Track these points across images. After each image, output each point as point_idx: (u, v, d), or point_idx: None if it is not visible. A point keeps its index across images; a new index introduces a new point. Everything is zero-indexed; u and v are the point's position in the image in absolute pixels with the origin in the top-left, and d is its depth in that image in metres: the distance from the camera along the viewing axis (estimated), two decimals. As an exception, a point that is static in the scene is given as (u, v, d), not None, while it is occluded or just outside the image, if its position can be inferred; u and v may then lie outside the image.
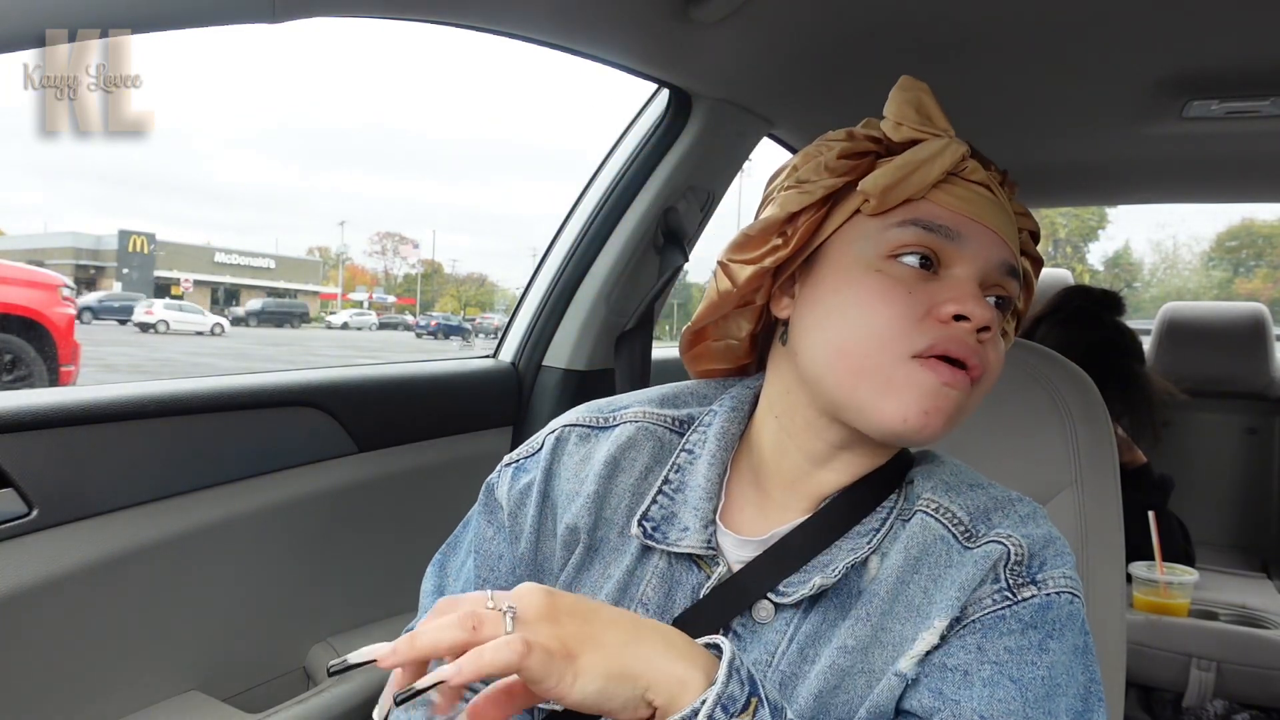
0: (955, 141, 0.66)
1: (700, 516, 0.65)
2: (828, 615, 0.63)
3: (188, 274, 32.69)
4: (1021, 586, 0.60)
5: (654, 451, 0.71)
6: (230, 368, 6.35)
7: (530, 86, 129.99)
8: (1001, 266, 0.64)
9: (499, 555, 0.74)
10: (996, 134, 1.89)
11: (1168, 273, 33.11)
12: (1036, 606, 0.60)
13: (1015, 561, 0.61)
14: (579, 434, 0.73)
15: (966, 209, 0.63)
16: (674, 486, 0.68)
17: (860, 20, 1.25)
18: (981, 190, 0.65)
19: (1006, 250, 0.64)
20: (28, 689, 0.84)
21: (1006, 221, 0.65)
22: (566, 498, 0.71)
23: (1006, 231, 0.65)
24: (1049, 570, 0.61)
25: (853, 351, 0.61)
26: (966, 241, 0.62)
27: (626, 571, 0.67)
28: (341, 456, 1.13)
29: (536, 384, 1.44)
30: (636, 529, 0.66)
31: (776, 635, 0.63)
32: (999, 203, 0.65)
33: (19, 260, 7.99)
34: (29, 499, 0.83)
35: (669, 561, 0.66)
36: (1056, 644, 0.59)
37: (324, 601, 1.14)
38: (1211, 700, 1.52)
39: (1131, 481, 1.26)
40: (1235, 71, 1.39)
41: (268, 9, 0.70)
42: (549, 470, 0.72)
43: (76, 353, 4.92)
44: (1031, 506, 0.65)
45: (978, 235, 0.63)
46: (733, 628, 0.64)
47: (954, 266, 0.62)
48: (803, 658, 0.62)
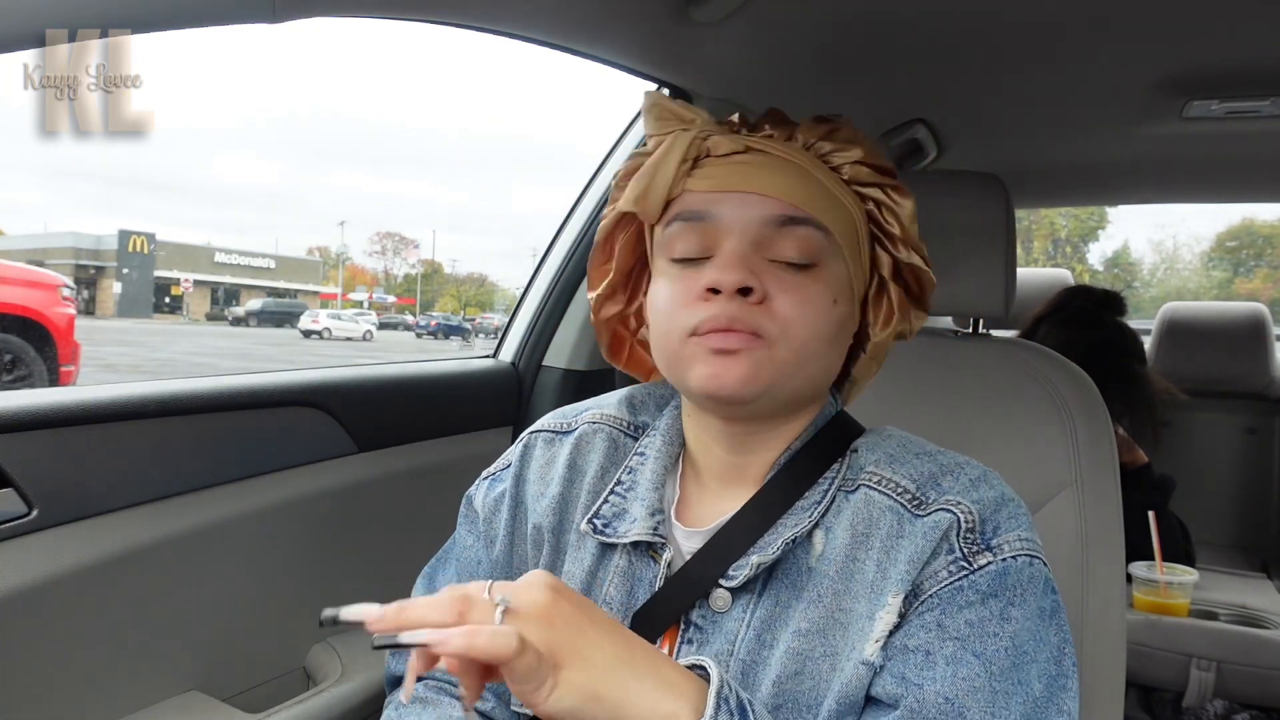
0: (684, 131, 0.66)
1: (646, 506, 0.67)
2: (780, 598, 0.63)
3: (188, 274, 32.70)
4: (977, 554, 0.59)
5: (608, 452, 0.74)
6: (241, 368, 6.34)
7: (531, 86, 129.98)
8: (769, 222, 0.63)
9: (477, 561, 0.77)
10: (996, 134, 1.89)
11: (1168, 273, 33.11)
12: (994, 574, 0.59)
13: (967, 529, 0.60)
14: (544, 439, 0.78)
15: (716, 185, 0.64)
16: (626, 486, 0.70)
17: (860, 21, 1.25)
18: (734, 160, 0.64)
19: (772, 205, 0.63)
20: (28, 689, 0.84)
21: (771, 175, 0.64)
22: (534, 499, 0.74)
23: (772, 185, 0.63)
24: (1004, 534, 0.60)
25: (659, 347, 0.66)
26: (722, 217, 0.63)
27: (589, 572, 0.69)
28: (341, 456, 1.13)
29: (536, 384, 1.44)
30: (586, 525, 0.69)
31: (735, 624, 0.63)
32: (760, 162, 0.64)
33: (19, 260, 7.98)
34: (29, 499, 0.83)
35: (629, 560, 0.68)
36: (1019, 610, 0.58)
37: (324, 601, 1.13)
38: (1211, 700, 1.52)
39: (1132, 482, 1.26)
40: (1235, 71, 1.39)
41: (268, 9, 0.70)
42: (519, 476, 0.76)
43: (76, 353, 4.92)
44: (981, 469, 0.65)
45: (731, 205, 0.63)
46: (693, 620, 0.64)
47: (722, 243, 0.63)
48: (761, 644, 0.62)
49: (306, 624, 1.12)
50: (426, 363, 1.40)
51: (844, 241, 0.65)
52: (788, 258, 0.63)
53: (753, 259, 0.62)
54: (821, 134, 0.67)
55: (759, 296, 0.61)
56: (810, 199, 0.64)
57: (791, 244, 0.63)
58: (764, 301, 0.61)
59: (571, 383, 1.42)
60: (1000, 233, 1.11)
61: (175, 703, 0.96)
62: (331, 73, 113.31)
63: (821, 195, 0.64)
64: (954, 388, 1.11)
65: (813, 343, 0.63)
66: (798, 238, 0.63)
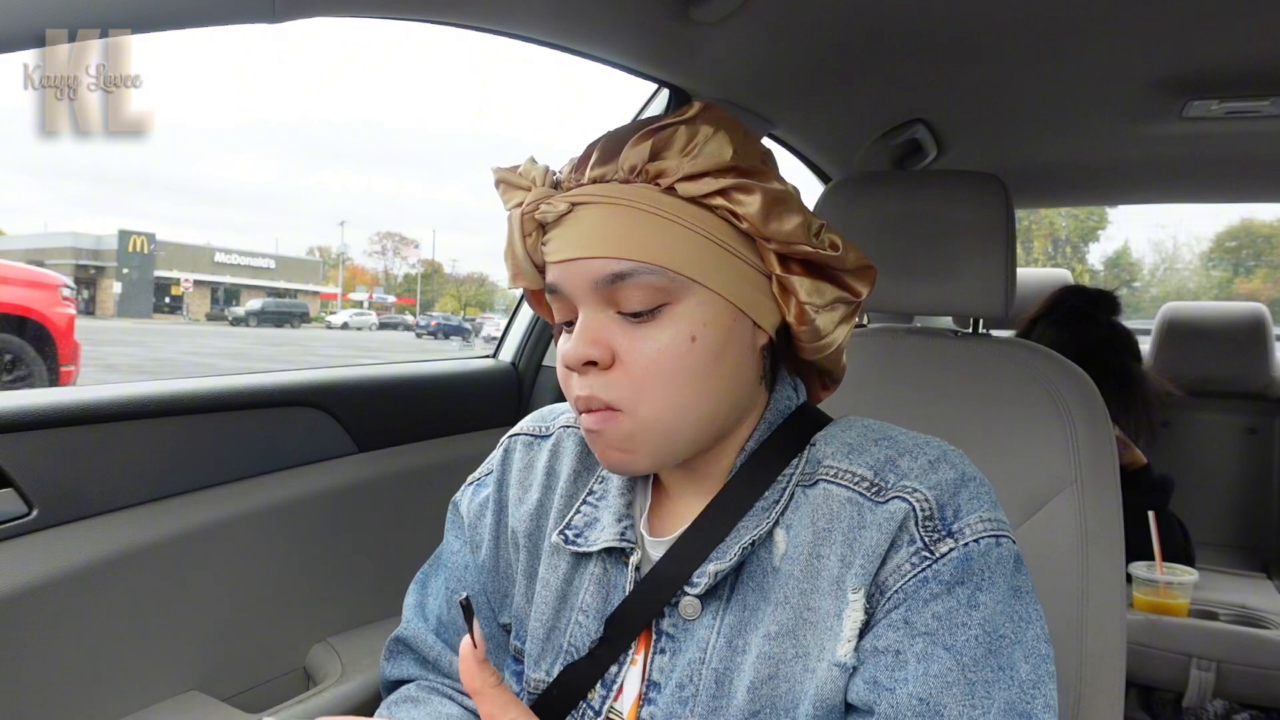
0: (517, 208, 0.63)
1: (614, 513, 0.67)
2: (748, 601, 0.61)
3: (188, 274, 32.69)
4: (938, 542, 0.57)
5: (580, 456, 0.73)
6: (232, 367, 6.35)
7: (531, 86, 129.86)
8: (599, 283, 0.59)
9: (465, 565, 0.77)
10: (996, 134, 1.89)
11: (1167, 273, 33.11)
12: (957, 561, 0.56)
13: (925, 517, 0.57)
14: (524, 442, 0.78)
15: (555, 255, 0.61)
16: (598, 496, 0.70)
17: (860, 21, 1.25)
18: (564, 223, 0.61)
19: (598, 265, 0.59)
20: (28, 689, 0.84)
21: (588, 234, 0.60)
22: (514, 503, 0.75)
23: (591, 243, 0.59)
24: (965, 517, 0.58)
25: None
26: (565, 286, 0.61)
27: (564, 580, 0.69)
28: (341, 456, 1.13)
29: (536, 384, 1.44)
30: (558, 537, 0.68)
31: (706, 631, 0.62)
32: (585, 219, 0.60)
33: (19, 260, 7.98)
34: (29, 499, 0.83)
35: (603, 566, 0.67)
36: (987, 595, 0.56)
37: (324, 601, 1.14)
38: (1211, 700, 1.52)
39: (1132, 482, 1.26)
40: (1235, 71, 1.39)
41: (268, 9, 0.70)
42: (501, 480, 0.77)
43: (76, 353, 4.92)
44: (940, 449, 0.62)
45: (570, 274, 0.60)
46: (664, 630, 0.63)
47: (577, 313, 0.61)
48: (732, 649, 0.60)
49: (306, 624, 1.12)
50: (426, 363, 1.40)
51: (697, 267, 0.59)
52: (631, 310, 0.59)
53: (599, 322, 0.60)
54: (646, 154, 0.60)
55: (607, 363, 0.59)
56: (637, 241, 0.59)
57: (628, 297, 0.59)
58: (614, 365, 0.59)
59: (571, 383, 1.42)
60: (1000, 233, 1.11)
61: (175, 703, 0.96)
62: (331, 73, 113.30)
63: (653, 230, 0.59)
64: (954, 388, 1.11)
65: (677, 391, 0.59)
66: (632, 288, 0.59)
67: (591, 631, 0.65)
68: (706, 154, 0.60)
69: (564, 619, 0.68)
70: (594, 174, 0.61)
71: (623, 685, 0.64)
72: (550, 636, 0.68)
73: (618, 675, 0.64)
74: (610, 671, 0.64)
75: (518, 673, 0.71)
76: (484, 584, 0.76)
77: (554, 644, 0.68)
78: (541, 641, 0.68)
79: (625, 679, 0.64)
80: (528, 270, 0.64)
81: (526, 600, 0.71)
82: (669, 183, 0.59)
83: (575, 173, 0.62)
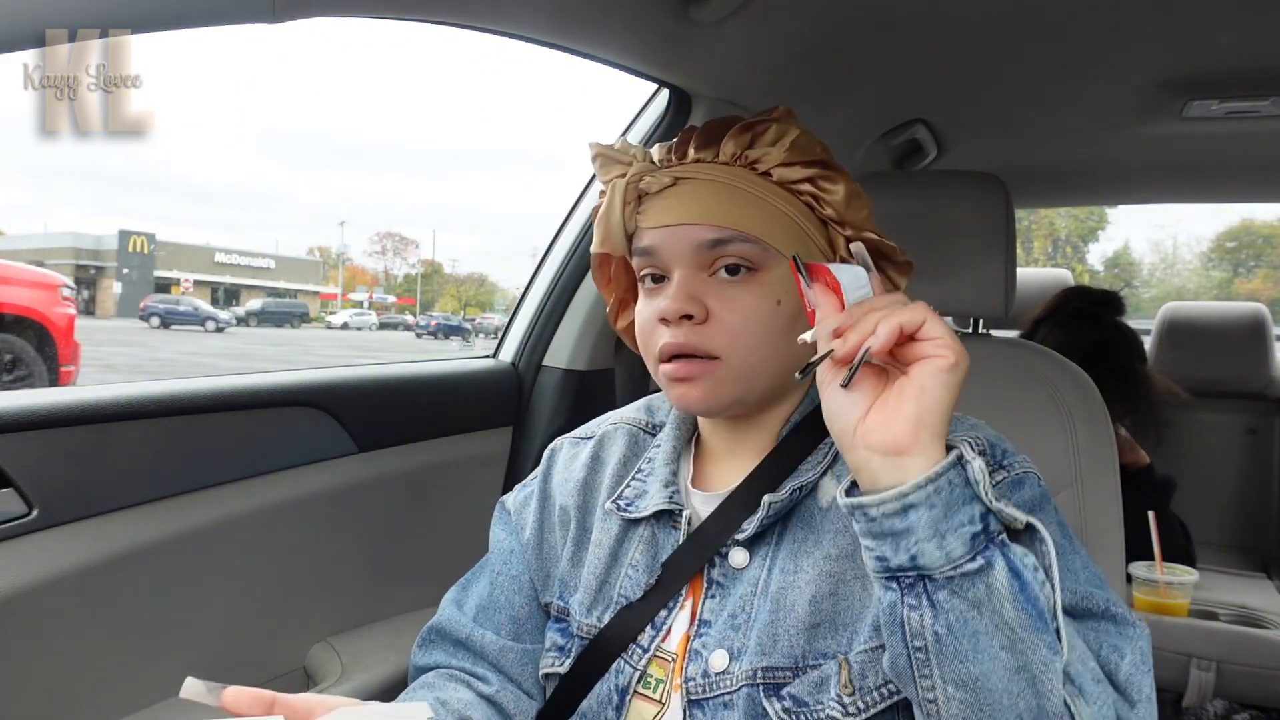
0: (620, 177, 0.73)
1: (661, 480, 0.76)
2: (797, 536, 0.69)
3: (188, 274, 32.70)
4: (994, 471, 0.66)
5: (629, 445, 0.83)
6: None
7: (532, 86, 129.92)
8: (700, 247, 0.69)
9: (510, 550, 0.84)
10: (996, 134, 1.89)
11: (1167, 273, 33.10)
12: (1011, 483, 0.65)
13: (980, 452, 0.64)
14: (570, 442, 0.87)
15: (655, 221, 0.71)
16: (644, 474, 0.79)
17: (860, 21, 1.25)
18: (665, 196, 0.71)
19: (701, 231, 0.69)
20: (28, 689, 0.84)
21: (694, 204, 0.70)
22: (560, 485, 0.83)
23: (696, 214, 0.69)
24: (1011, 458, 0.67)
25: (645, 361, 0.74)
26: (664, 249, 0.70)
27: (615, 541, 0.77)
28: (341, 456, 1.13)
29: (536, 384, 1.44)
30: (610, 505, 0.77)
31: (756, 571, 0.69)
32: (687, 193, 0.71)
33: (19, 260, 7.98)
34: (29, 499, 0.83)
35: (652, 530, 0.75)
36: (1042, 516, 0.63)
37: (324, 601, 1.14)
38: (1211, 700, 1.52)
39: (1134, 483, 1.26)
40: (1235, 71, 1.39)
41: (268, 9, 0.70)
42: (546, 474, 0.86)
43: (76, 353, 4.93)
44: (974, 421, 0.72)
45: (670, 238, 0.70)
46: (714, 578, 0.71)
47: (671, 271, 0.70)
48: (785, 573, 0.67)
49: (306, 624, 1.12)
50: (426, 363, 1.40)
51: (784, 242, 0.69)
52: (724, 274, 0.69)
53: (695, 282, 0.69)
54: (746, 143, 0.71)
55: (701, 318, 0.68)
56: (738, 214, 0.69)
57: (725, 261, 0.69)
58: (709, 320, 0.68)
59: (571, 383, 1.42)
60: (1000, 233, 1.11)
61: (175, 703, 0.96)
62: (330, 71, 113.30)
63: (750, 206, 0.70)
64: (954, 388, 1.10)
65: (763, 345, 0.69)
66: (729, 255, 0.69)
67: (642, 583, 0.73)
68: (798, 146, 0.71)
69: (614, 574, 0.75)
70: (696, 156, 0.72)
71: (671, 628, 0.71)
72: (602, 589, 0.75)
73: (666, 619, 0.72)
74: (659, 616, 0.72)
75: (561, 629, 0.78)
76: (528, 562, 0.83)
77: (605, 595, 0.75)
78: (594, 593, 0.76)
79: (674, 623, 0.71)
80: (617, 236, 0.73)
81: (573, 565, 0.79)
82: (765, 168, 0.70)
83: (673, 154, 0.73)
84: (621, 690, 0.71)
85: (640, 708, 0.70)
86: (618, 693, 0.71)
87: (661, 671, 0.70)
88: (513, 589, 0.82)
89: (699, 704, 0.67)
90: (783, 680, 0.64)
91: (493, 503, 0.90)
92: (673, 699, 0.69)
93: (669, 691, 0.69)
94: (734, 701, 0.65)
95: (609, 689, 0.71)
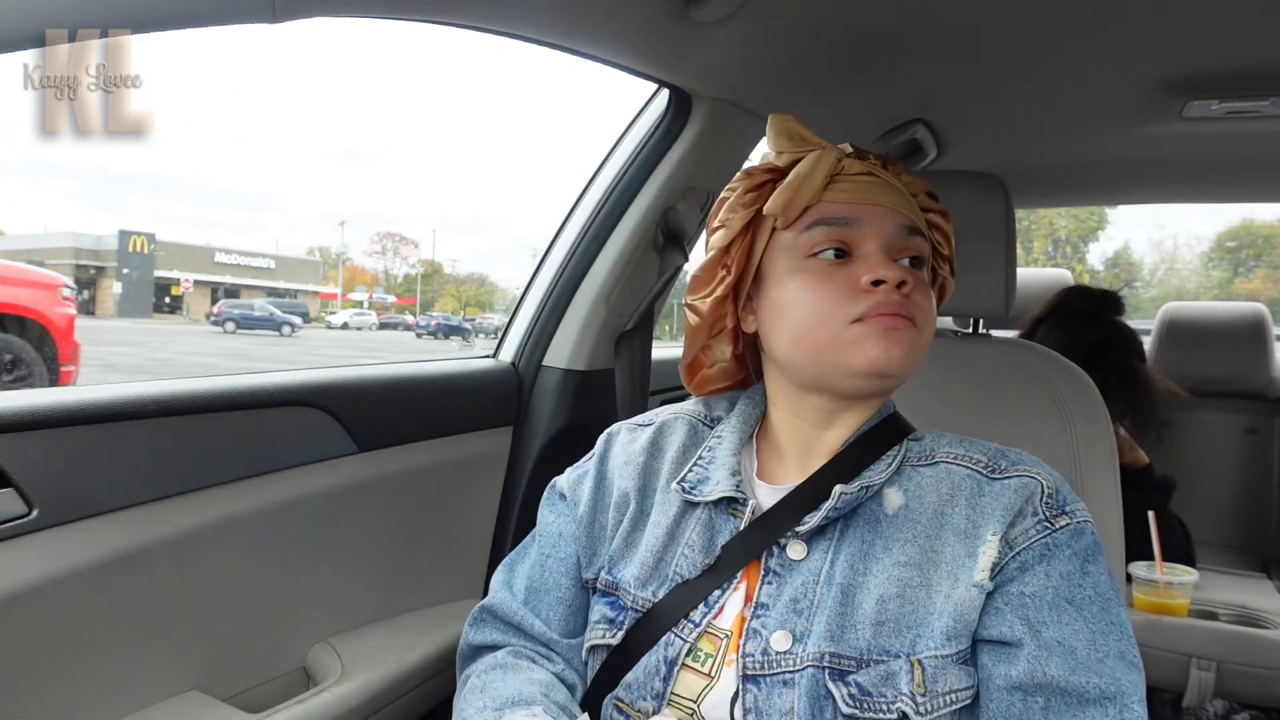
0: (828, 150, 0.79)
1: (727, 469, 0.80)
2: (864, 538, 0.73)
3: (188, 274, 32.68)
4: (1056, 517, 0.71)
5: (689, 434, 0.87)
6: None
7: (532, 85, 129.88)
8: (901, 231, 0.77)
9: (559, 532, 0.88)
10: (996, 134, 1.89)
11: (1168, 273, 33.07)
12: (1072, 533, 0.70)
13: (1048, 495, 0.72)
14: (627, 428, 0.91)
15: (855, 197, 0.77)
16: (706, 460, 0.82)
17: (860, 21, 1.25)
18: (864, 179, 0.78)
19: (901, 217, 0.77)
20: (28, 689, 0.84)
21: (894, 194, 0.79)
22: (617, 468, 0.87)
23: (897, 202, 0.78)
24: (1072, 504, 0.72)
25: (806, 335, 0.76)
26: (863, 223, 0.76)
27: (673, 521, 0.80)
28: (341, 456, 1.13)
29: (536, 384, 1.44)
30: (676, 486, 0.81)
31: (819, 562, 0.73)
32: (883, 182, 0.79)
33: (19, 260, 7.99)
34: (29, 499, 0.83)
35: (710, 515, 0.79)
36: (1094, 566, 0.70)
37: (324, 601, 1.14)
38: (1211, 700, 1.52)
39: (1134, 482, 1.26)
40: (1235, 71, 1.39)
41: (268, 9, 0.70)
42: (603, 456, 0.89)
43: (76, 353, 4.92)
44: (1034, 458, 0.77)
45: (871, 215, 0.76)
46: (771, 567, 0.75)
47: (863, 246, 0.76)
48: (854, 571, 0.72)
49: (306, 624, 1.12)
50: (426, 363, 1.40)
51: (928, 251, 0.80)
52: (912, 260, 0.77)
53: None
54: (901, 169, 0.83)
55: (909, 289, 0.74)
56: (915, 216, 0.79)
57: (913, 249, 0.77)
58: (910, 295, 0.74)
59: (572, 383, 1.42)
60: (1000, 233, 1.11)
61: (175, 703, 0.96)
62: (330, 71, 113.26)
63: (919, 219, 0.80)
64: (954, 387, 1.11)
65: (933, 330, 0.78)
66: (917, 244, 0.77)
67: (699, 563, 0.77)
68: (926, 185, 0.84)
69: (671, 553, 0.79)
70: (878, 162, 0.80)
71: (724, 606, 0.75)
72: (658, 566, 0.79)
73: (720, 599, 0.75)
74: (713, 595, 0.76)
75: (611, 602, 0.81)
76: (577, 538, 0.86)
77: (661, 572, 0.79)
78: (650, 569, 0.79)
79: (727, 602, 0.75)
80: (800, 205, 0.77)
81: (626, 544, 0.83)
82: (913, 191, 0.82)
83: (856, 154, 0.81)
84: (670, 661, 0.74)
85: (688, 680, 0.73)
86: (666, 664, 0.74)
87: (712, 647, 0.74)
88: (560, 570, 0.86)
89: (755, 679, 0.70)
90: (847, 669, 0.68)
91: (493, 503, 0.90)
92: (724, 673, 0.72)
93: (719, 666, 0.73)
94: (795, 681, 0.69)
95: (657, 659, 0.75)
